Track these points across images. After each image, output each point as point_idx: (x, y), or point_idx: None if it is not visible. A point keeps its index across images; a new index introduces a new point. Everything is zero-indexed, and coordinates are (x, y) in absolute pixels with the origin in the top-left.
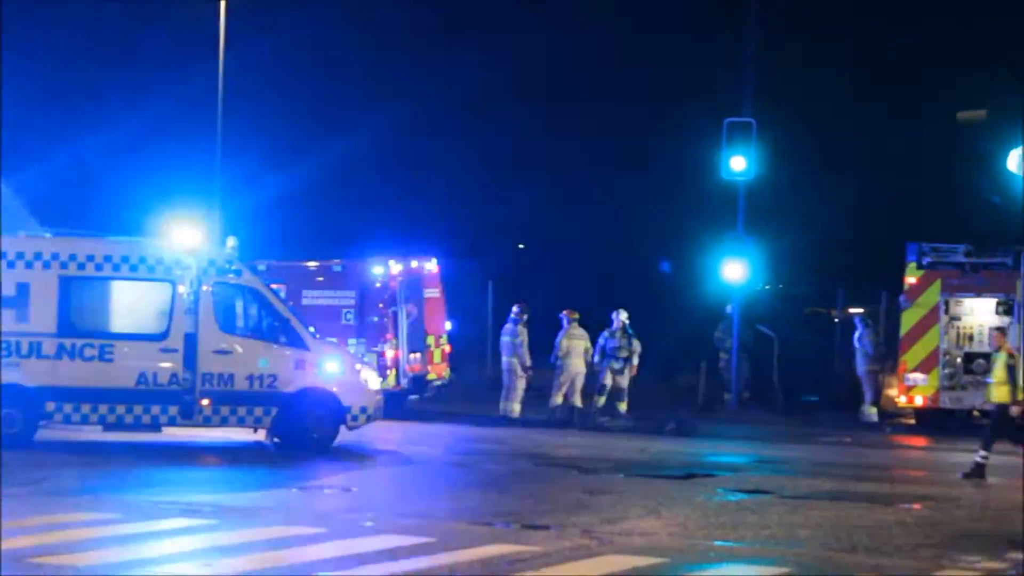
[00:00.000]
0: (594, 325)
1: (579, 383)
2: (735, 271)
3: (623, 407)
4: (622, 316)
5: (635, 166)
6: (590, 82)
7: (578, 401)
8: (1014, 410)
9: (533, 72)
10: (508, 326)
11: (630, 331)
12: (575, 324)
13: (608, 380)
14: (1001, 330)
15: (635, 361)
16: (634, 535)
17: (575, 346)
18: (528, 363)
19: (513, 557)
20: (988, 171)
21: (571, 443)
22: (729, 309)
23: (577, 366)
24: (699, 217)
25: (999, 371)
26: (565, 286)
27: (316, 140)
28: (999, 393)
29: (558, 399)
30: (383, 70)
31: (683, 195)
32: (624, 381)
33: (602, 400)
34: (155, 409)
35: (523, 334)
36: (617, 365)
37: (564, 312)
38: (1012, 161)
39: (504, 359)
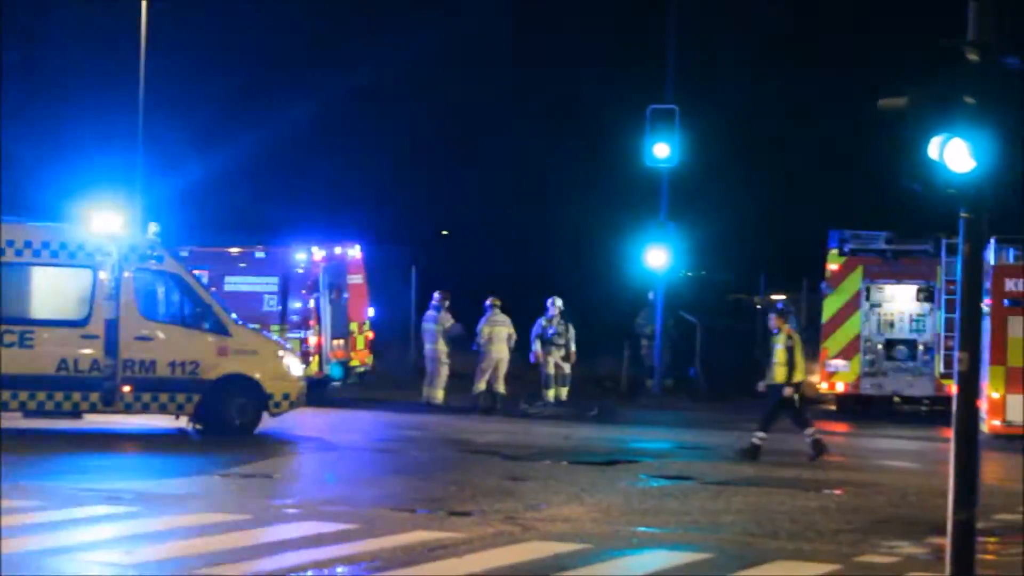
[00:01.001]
0: (518, 311)
1: (502, 369)
2: (658, 258)
3: (564, 393)
4: (558, 303)
5: (559, 152)
6: (513, 68)
7: (501, 388)
8: (787, 391)
9: (456, 57)
10: (430, 313)
11: (566, 318)
12: (497, 310)
13: (551, 370)
14: (781, 312)
15: (572, 347)
16: (557, 521)
17: (497, 332)
18: (450, 350)
19: (436, 543)
20: (910, 159)
21: (494, 430)
22: (652, 296)
23: (500, 352)
24: (623, 204)
25: (779, 352)
26: (488, 273)
27: (239, 126)
28: (778, 374)
29: (481, 386)
30: (306, 55)
31: (607, 182)
32: (567, 368)
33: (551, 393)
34: (76, 396)
35: (446, 321)
36: (559, 353)
37: (488, 298)
38: (933, 149)
39: (426, 346)
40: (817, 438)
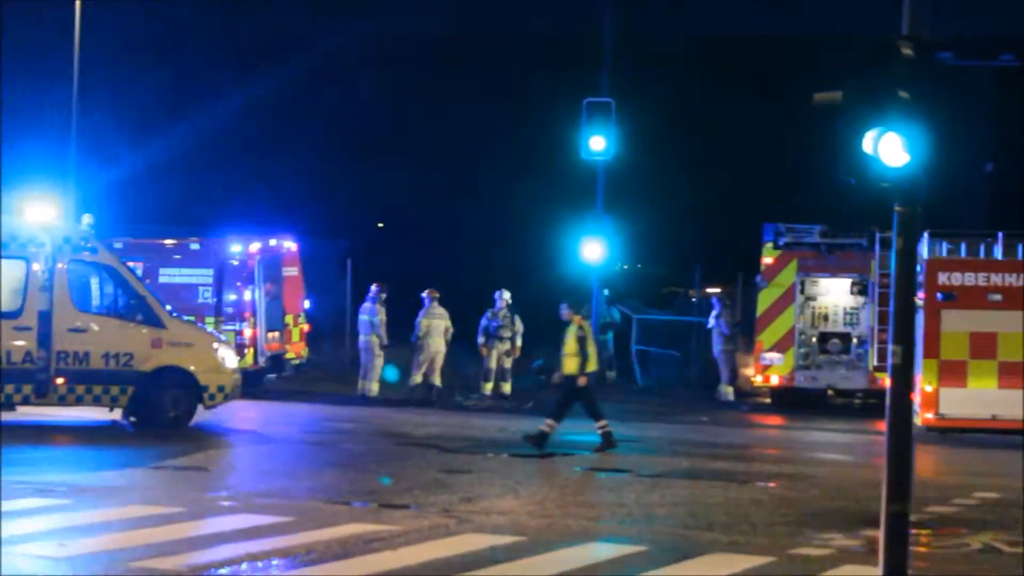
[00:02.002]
0: (454, 304)
1: (439, 362)
2: (594, 251)
3: (507, 388)
4: (505, 296)
5: (496, 145)
6: (449, 61)
7: (438, 380)
8: (581, 380)
9: (392, 50)
10: (367, 305)
11: (513, 311)
12: (436, 303)
13: (493, 363)
14: (575, 304)
15: (518, 342)
16: (492, 514)
17: (435, 325)
18: (387, 342)
19: (371, 536)
20: (845, 152)
21: (430, 422)
22: (603, 291)
23: (437, 345)
24: (559, 197)
25: (570, 343)
26: (424, 265)
27: (174, 118)
28: (569, 365)
29: (417, 378)
30: (240, 46)
31: (544, 175)
32: (509, 362)
33: (489, 386)
34: (9, 388)
35: (381, 313)
36: (504, 347)
37: (425, 291)
38: (868, 143)
39: (362, 338)
40: (608, 431)
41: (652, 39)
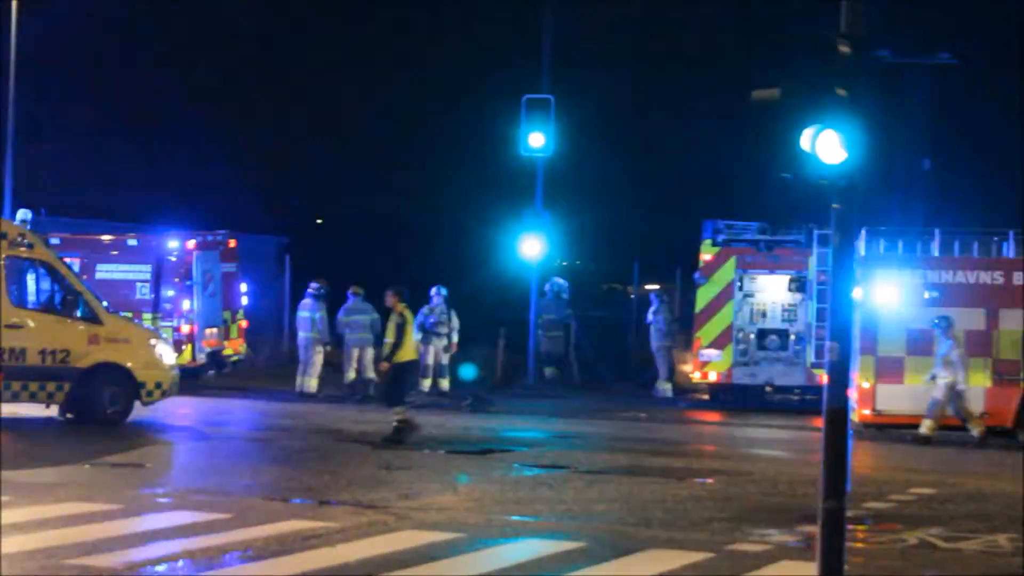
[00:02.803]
0: (379, 298)
1: (368, 356)
2: (533, 247)
3: (445, 384)
4: (443, 292)
5: (435, 141)
6: (389, 55)
7: (371, 373)
8: (382, 366)
9: (332, 43)
10: (306, 301)
11: (450, 307)
12: (358, 300)
13: (430, 360)
14: (396, 291)
15: (455, 338)
16: (431, 510)
17: (355, 320)
18: (327, 339)
19: (309, 533)
20: (782, 150)
21: (368, 419)
22: (547, 287)
23: (359, 340)
24: (499, 193)
25: (390, 330)
26: (364, 261)
27: (113, 112)
28: (384, 350)
29: (351, 375)
30: (171, 35)
31: (483, 171)
32: (446, 358)
33: (427, 382)
34: None
35: (321, 309)
36: (441, 343)
37: (351, 288)
38: (805, 140)
39: (301, 334)
40: (403, 425)
41: (592, 35)
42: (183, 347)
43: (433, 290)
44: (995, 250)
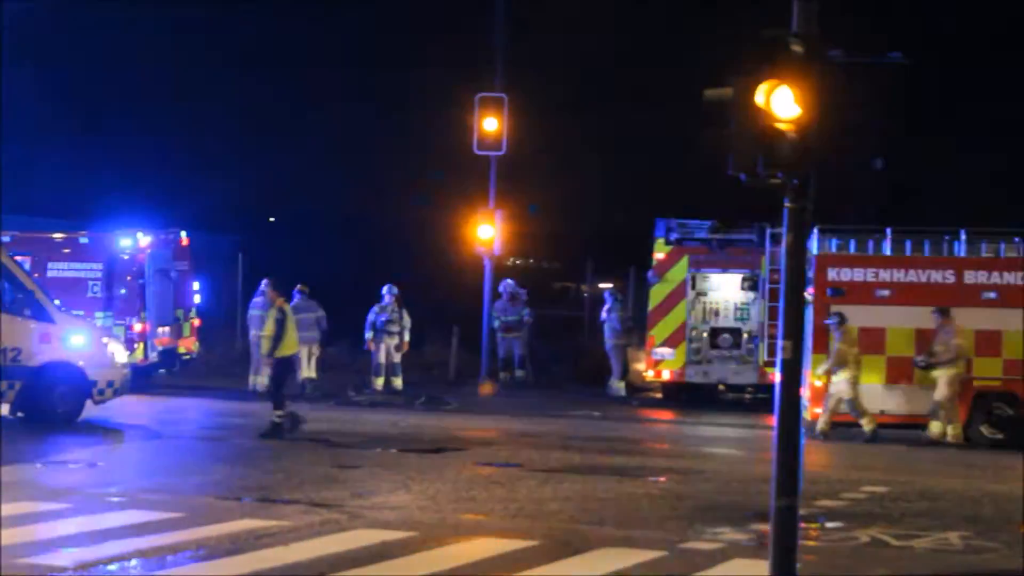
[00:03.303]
0: (349, 297)
1: (315, 352)
2: (486, 245)
3: (398, 382)
4: (394, 291)
5: (389, 139)
6: (345, 54)
7: (312, 373)
8: (266, 361)
9: (286, 41)
10: (258, 300)
11: (402, 306)
12: (303, 297)
13: (382, 358)
14: (275, 285)
15: (406, 337)
16: (384, 509)
17: (301, 318)
18: None
19: (261, 532)
20: (735, 148)
21: (321, 417)
22: (502, 287)
23: (306, 337)
24: (452, 191)
25: (269, 325)
26: (317, 259)
27: (61, 107)
28: (265, 346)
29: (302, 373)
30: (127, 33)
31: (437, 168)
32: (398, 357)
33: (380, 381)
34: None
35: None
36: (392, 341)
37: (297, 286)
38: (758, 136)
39: (252, 332)
40: (280, 423)
41: (546, 33)
42: (135, 345)
43: (384, 288)
44: (946, 249)
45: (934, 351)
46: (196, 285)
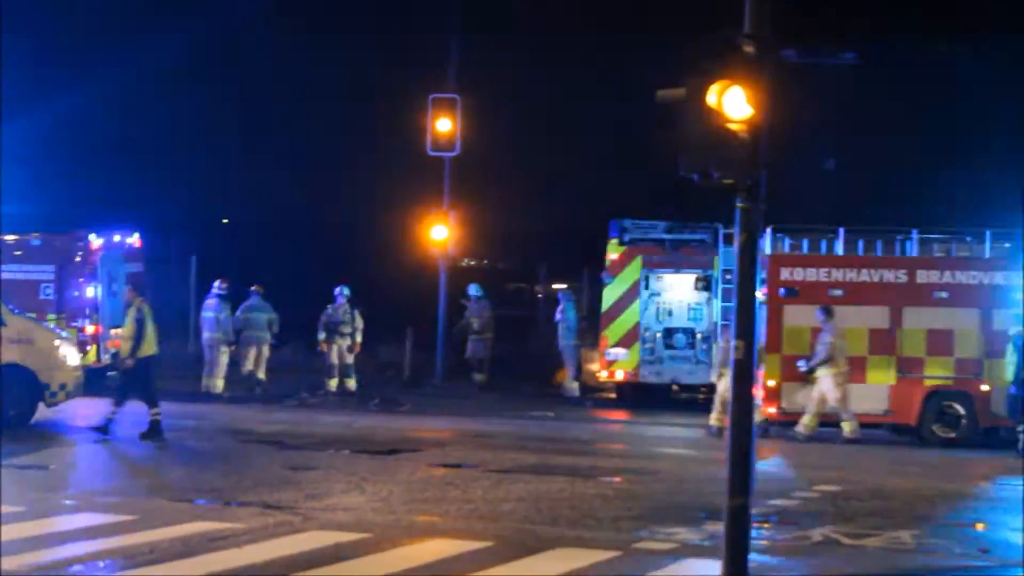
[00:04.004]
0: (302, 298)
1: (264, 353)
2: (440, 246)
3: (352, 384)
4: (346, 292)
5: (342, 139)
6: (296, 54)
7: (261, 374)
8: (127, 363)
9: (237, 42)
10: (210, 301)
11: (354, 307)
12: (257, 298)
13: (335, 359)
14: (134, 287)
15: (358, 338)
16: (338, 511)
17: (253, 318)
18: (232, 338)
19: (215, 534)
20: (688, 147)
21: (275, 419)
22: (471, 291)
23: (257, 337)
24: (406, 192)
25: (128, 327)
26: (270, 261)
27: (14, 108)
28: (124, 347)
29: (246, 368)
30: (81, 38)
31: (392, 169)
32: (351, 357)
33: (334, 382)
34: None
35: (226, 309)
36: (345, 342)
37: (252, 287)
38: (712, 136)
39: (206, 334)
40: (158, 420)
41: (499, 34)
42: (88, 348)
43: (337, 290)
44: (899, 249)
45: (814, 352)
46: (148, 286)
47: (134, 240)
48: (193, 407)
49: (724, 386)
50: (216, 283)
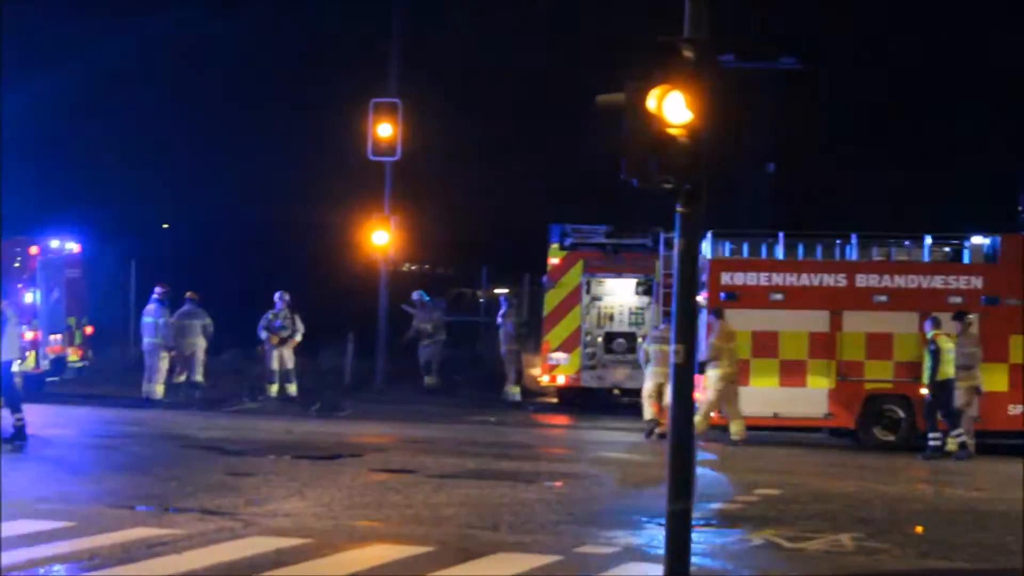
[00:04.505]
0: (244, 303)
1: (199, 357)
2: (381, 251)
3: (293, 389)
4: (286, 297)
5: (283, 143)
6: (237, 58)
7: (199, 377)
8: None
9: (179, 48)
10: (150, 307)
11: (294, 312)
12: (191, 304)
13: (276, 364)
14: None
15: (297, 337)
16: (278, 516)
17: (186, 325)
18: (172, 344)
19: (155, 540)
20: (627, 152)
21: (215, 425)
22: (417, 296)
23: (191, 345)
24: (347, 197)
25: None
26: (210, 266)
27: None
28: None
29: (180, 377)
30: (21, 40)
31: (333, 174)
32: (291, 362)
33: (275, 388)
34: None
35: (165, 315)
36: (286, 349)
37: (187, 293)
38: (652, 140)
39: (146, 340)
40: (22, 425)
41: (441, 39)
42: (27, 353)
43: (276, 295)
44: (838, 252)
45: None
46: (88, 292)
47: (73, 246)
48: (133, 413)
49: (706, 384)
50: (156, 288)
